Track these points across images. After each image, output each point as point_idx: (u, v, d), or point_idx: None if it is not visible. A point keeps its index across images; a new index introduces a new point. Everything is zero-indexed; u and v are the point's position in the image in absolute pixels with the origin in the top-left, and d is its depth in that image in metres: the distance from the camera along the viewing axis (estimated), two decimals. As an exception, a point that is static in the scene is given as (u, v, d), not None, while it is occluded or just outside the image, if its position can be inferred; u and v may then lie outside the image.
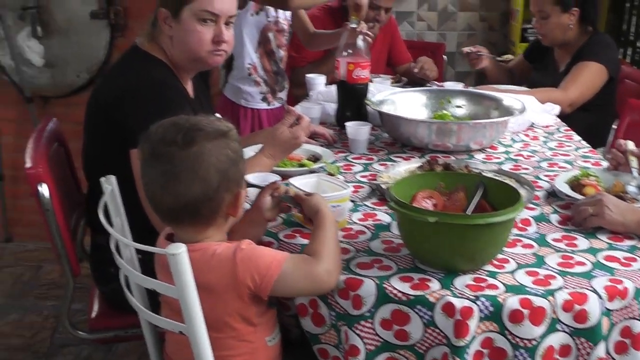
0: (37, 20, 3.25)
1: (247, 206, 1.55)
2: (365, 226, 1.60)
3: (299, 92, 2.98)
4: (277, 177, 1.73)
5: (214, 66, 1.91)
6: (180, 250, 1.13)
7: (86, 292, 2.25)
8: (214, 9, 1.77)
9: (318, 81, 2.75)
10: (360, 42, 2.34)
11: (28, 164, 1.77)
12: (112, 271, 1.81)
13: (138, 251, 1.51)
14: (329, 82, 2.77)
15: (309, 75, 2.80)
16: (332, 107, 2.46)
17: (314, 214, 1.42)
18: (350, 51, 2.33)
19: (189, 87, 1.91)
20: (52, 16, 3.26)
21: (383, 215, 1.66)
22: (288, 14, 2.75)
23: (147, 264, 1.44)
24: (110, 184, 1.47)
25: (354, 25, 2.37)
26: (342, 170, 1.98)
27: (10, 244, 3.72)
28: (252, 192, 1.61)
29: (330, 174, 1.88)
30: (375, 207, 1.72)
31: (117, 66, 1.87)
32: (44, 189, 1.73)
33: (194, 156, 1.27)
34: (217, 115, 1.93)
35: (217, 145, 1.29)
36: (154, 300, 1.45)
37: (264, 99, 2.78)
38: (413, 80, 3.06)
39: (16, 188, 3.66)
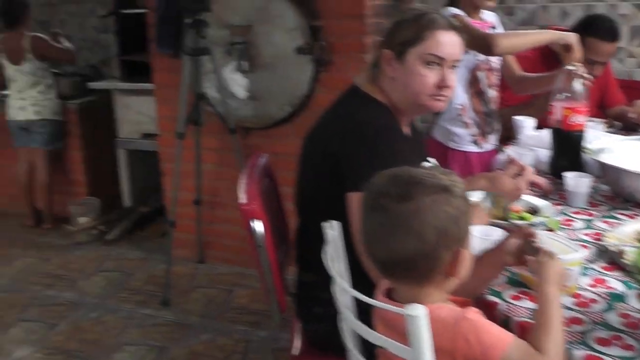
0: (245, 55, 3.40)
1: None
2: (597, 294, 1.47)
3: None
4: (499, 231, 1.64)
5: (435, 111, 1.85)
6: (420, 313, 1.08)
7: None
8: (440, 53, 1.72)
9: (526, 124, 2.62)
10: (578, 85, 2.19)
11: (243, 200, 1.80)
12: (318, 311, 1.81)
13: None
14: (538, 126, 2.64)
15: (517, 118, 2.67)
16: (543, 153, 2.33)
17: (538, 286, 1.30)
18: (566, 95, 2.20)
19: (407, 130, 1.87)
20: (259, 51, 3.39)
21: (615, 282, 1.52)
22: None
23: (362, 312, 1.41)
24: (334, 230, 1.46)
25: (571, 68, 2.23)
26: (562, 226, 1.84)
27: (203, 266, 3.90)
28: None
29: (550, 230, 1.76)
30: (604, 271, 1.58)
31: (336, 106, 1.85)
32: (258, 226, 1.76)
33: (410, 211, 1.21)
34: (432, 160, 1.88)
35: (435, 200, 1.22)
36: (366, 348, 1.41)
37: (474, 142, 2.67)
38: (627, 125, 2.84)
39: (212, 213, 3.83)
